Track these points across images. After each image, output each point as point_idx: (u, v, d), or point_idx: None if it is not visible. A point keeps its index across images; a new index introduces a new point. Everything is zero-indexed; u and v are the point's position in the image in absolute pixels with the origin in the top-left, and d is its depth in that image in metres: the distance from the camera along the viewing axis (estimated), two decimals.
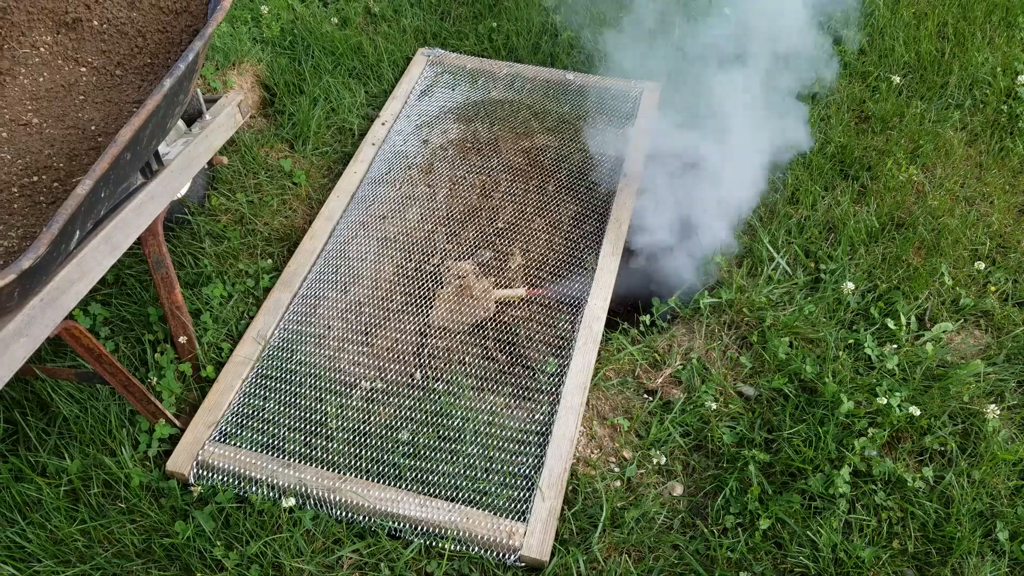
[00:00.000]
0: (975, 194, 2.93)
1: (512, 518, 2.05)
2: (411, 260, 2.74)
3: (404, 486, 2.12)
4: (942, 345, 2.44)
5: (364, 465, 2.16)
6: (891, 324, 2.48)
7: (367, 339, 2.49)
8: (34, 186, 1.88)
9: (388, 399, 2.33)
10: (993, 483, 2.13)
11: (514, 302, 2.59)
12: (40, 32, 2.23)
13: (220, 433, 2.23)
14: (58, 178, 1.91)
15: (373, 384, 2.36)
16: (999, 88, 3.28)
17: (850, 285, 2.54)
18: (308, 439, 2.22)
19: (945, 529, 2.04)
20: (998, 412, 2.23)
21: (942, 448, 2.21)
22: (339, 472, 2.14)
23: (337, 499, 2.08)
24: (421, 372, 2.41)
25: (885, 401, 2.23)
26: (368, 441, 2.22)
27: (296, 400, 2.31)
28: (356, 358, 2.43)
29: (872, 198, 2.88)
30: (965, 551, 2.00)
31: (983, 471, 2.14)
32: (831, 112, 3.19)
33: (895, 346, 2.42)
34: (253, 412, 2.28)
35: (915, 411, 2.21)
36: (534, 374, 2.39)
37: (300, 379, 2.36)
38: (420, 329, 2.53)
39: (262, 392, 2.33)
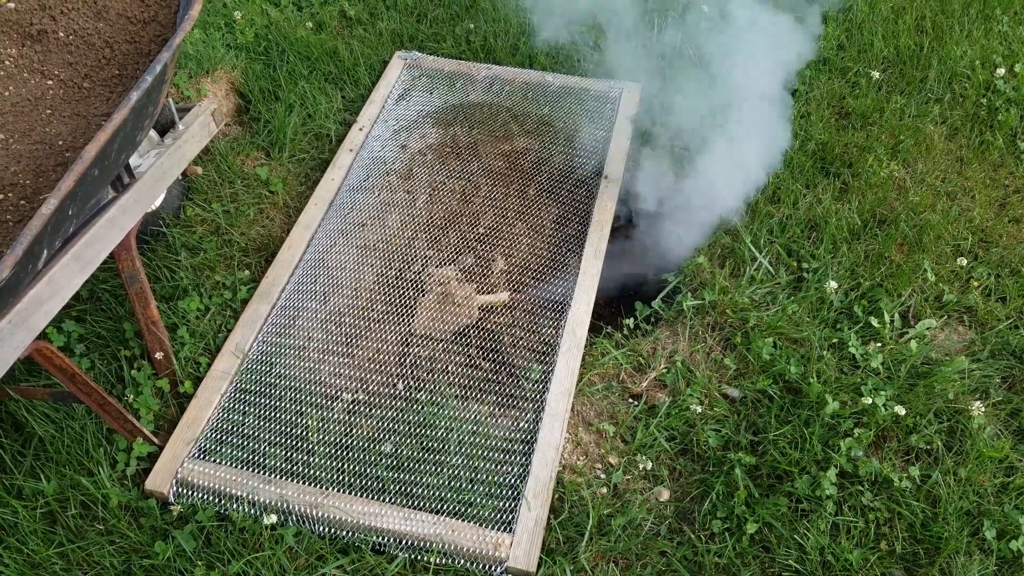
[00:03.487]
0: (956, 189, 2.93)
1: (498, 529, 2.03)
2: (392, 268, 2.71)
3: (388, 499, 2.09)
4: (926, 342, 2.43)
5: (346, 479, 2.13)
6: (875, 322, 2.47)
7: (348, 350, 2.46)
8: None
9: (370, 411, 2.29)
10: (979, 481, 2.13)
11: (497, 307, 2.57)
12: (4, 44, 2.18)
13: (199, 450, 2.19)
14: (25, 196, 1.86)
15: (355, 396, 2.33)
16: (978, 81, 3.28)
17: (833, 284, 2.53)
18: (289, 454, 2.18)
19: (932, 529, 2.04)
20: (983, 409, 2.23)
21: (928, 447, 2.21)
22: (321, 487, 2.11)
23: (319, 515, 2.04)
24: (404, 382, 2.38)
25: (870, 401, 2.22)
26: (350, 454, 2.19)
27: (276, 414, 2.27)
28: (337, 369, 2.40)
29: (854, 195, 2.88)
30: (953, 550, 2.00)
31: (969, 469, 2.14)
32: (811, 109, 3.18)
33: (879, 344, 2.42)
34: (232, 427, 2.24)
35: (900, 410, 2.21)
36: (518, 381, 2.37)
37: (280, 392, 2.32)
38: (402, 338, 2.50)
39: (241, 407, 2.29)
